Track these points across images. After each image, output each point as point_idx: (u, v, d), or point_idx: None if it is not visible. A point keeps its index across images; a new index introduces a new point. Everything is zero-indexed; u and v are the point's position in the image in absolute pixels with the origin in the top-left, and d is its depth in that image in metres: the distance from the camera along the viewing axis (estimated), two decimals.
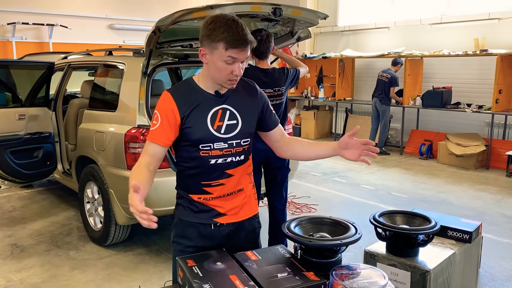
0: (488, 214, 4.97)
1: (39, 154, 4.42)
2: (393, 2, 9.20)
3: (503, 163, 6.93)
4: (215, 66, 1.70)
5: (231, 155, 1.80)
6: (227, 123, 1.79)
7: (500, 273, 3.59)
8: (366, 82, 9.67)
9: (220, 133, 1.77)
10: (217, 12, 3.10)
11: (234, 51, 1.65)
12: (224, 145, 1.78)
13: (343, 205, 5.37)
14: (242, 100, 1.85)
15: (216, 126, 1.77)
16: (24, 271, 3.59)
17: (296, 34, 4.08)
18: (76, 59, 5.06)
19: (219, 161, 1.78)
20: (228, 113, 1.80)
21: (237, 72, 1.70)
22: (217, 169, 1.79)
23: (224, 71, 1.70)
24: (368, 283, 1.45)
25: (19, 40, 8.49)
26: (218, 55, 1.67)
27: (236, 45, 1.64)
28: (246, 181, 1.90)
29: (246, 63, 1.78)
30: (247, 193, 1.91)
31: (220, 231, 1.83)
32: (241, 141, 1.82)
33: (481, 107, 7.39)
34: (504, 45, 7.25)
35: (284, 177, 3.69)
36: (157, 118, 1.75)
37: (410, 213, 2.36)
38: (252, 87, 1.92)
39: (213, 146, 1.77)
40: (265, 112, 1.91)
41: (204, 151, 1.77)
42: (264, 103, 1.91)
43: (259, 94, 1.92)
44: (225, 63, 1.68)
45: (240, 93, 1.86)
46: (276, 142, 1.97)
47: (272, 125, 1.94)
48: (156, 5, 9.85)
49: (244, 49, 1.67)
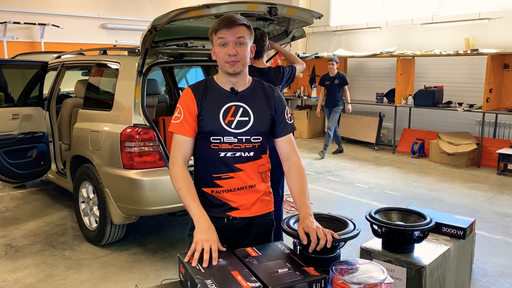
0: (479, 212, 5.04)
1: (32, 154, 4.40)
2: (385, 2, 9.27)
3: (494, 161, 7.02)
4: (216, 54, 1.84)
5: (240, 150, 1.87)
6: (238, 119, 1.86)
7: (493, 269, 3.64)
8: (358, 82, 9.73)
9: (230, 127, 1.85)
10: (213, 11, 3.12)
11: (221, 32, 1.78)
12: (233, 140, 1.86)
13: (337, 203, 5.41)
14: (259, 100, 1.92)
15: (227, 121, 1.85)
16: (19, 271, 3.57)
17: (291, 33, 4.11)
18: (69, 59, 5.04)
19: (228, 155, 1.86)
20: (241, 110, 1.88)
21: (230, 52, 1.78)
22: (227, 162, 1.87)
23: (220, 55, 1.81)
24: (367, 277, 1.47)
25: (10, 39, 8.43)
26: (214, 43, 1.83)
27: (221, 25, 1.78)
28: (259, 179, 1.95)
29: (247, 49, 1.84)
30: (261, 190, 1.96)
31: (233, 224, 1.90)
32: (251, 138, 1.88)
33: (472, 106, 7.47)
34: (494, 45, 7.34)
35: (280, 175, 3.70)
36: (180, 112, 1.87)
37: (405, 210, 2.39)
38: (271, 89, 1.98)
39: (223, 139, 1.85)
40: (277, 117, 1.95)
41: (215, 144, 1.86)
42: (279, 106, 1.95)
43: (276, 96, 1.97)
44: (219, 47, 1.81)
45: (257, 93, 1.93)
46: (280, 153, 2.00)
47: (279, 134, 1.96)
48: (148, 5, 9.83)
49: (230, 28, 1.77)
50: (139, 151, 3.53)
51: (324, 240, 1.61)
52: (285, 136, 1.97)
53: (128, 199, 3.61)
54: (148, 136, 3.55)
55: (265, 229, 2.01)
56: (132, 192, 3.55)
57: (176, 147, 1.87)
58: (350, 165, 7.36)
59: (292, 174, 1.95)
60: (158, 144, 3.59)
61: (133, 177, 3.53)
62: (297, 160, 1.97)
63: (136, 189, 3.51)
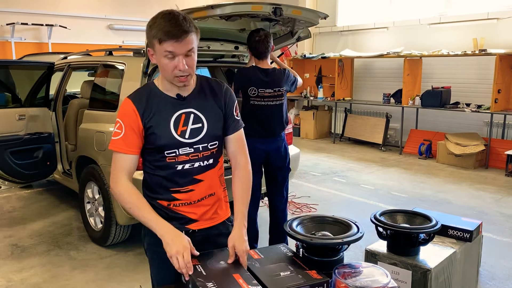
0: (487, 214, 4.98)
1: (39, 155, 4.42)
2: (392, 2, 9.22)
3: (502, 163, 6.95)
4: (160, 64, 1.63)
5: (198, 160, 1.73)
6: (191, 127, 1.71)
7: (500, 272, 3.60)
8: (365, 82, 9.69)
9: (184, 138, 1.70)
10: (218, 12, 3.12)
11: (168, 44, 1.55)
12: (190, 150, 1.71)
13: (343, 204, 5.38)
14: (208, 101, 1.77)
15: (180, 131, 1.69)
16: (24, 271, 3.59)
17: (296, 34, 4.09)
18: (76, 59, 5.06)
19: (187, 166, 1.72)
20: (193, 116, 1.72)
21: (180, 67, 1.59)
22: (185, 174, 1.72)
23: (167, 67, 1.61)
24: (371, 281, 1.45)
25: (18, 40, 8.49)
26: (158, 52, 1.60)
27: (168, 37, 1.54)
28: (217, 185, 1.82)
29: (196, 56, 1.65)
30: (219, 196, 1.83)
31: (194, 237, 1.69)
32: (208, 144, 1.74)
33: (480, 107, 7.41)
34: (503, 45, 7.27)
35: (284, 177, 3.69)
36: (121, 127, 1.67)
37: (411, 212, 2.36)
38: (218, 85, 1.82)
39: (179, 151, 1.70)
40: (227, 114, 1.81)
41: (170, 157, 1.70)
42: (228, 102, 1.81)
43: (224, 92, 1.81)
44: (166, 59, 1.59)
45: (206, 94, 1.78)
46: (227, 152, 1.87)
47: (228, 131, 1.82)
48: (155, 6, 9.85)
49: (179, 40, 1.55)
50: None
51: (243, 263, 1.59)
52: (234, 133, 1.83)
53: None
54: None
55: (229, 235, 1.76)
56: None
57: (118, 165, 1.69)
58: (356, 166, 7.32)
59: (237, 177, 1.83)
60: None
61: (137, 177, 3.50)
62: (244, 162, 1.85)
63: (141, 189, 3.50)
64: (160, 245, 1.61)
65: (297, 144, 4.91)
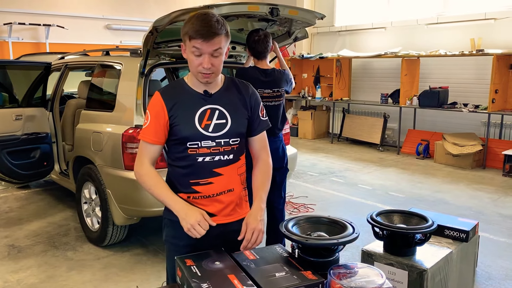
0: (484, 214, 4.99)
1: (36, 155, 4.41)
2: (390, 2, 9.22)
3: (500, 163, 6.96)
4: (188, 59, 1.74)
5: (219, 154, 1.80)
6: (215, 122, 1.80)
7: (497, 272, 3.60)
8: (363, 82, 9.70)
9: (208, 131, 1.78)
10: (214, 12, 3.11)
11: (196, 42, 1.66)
12: (211, 144, 1.79)
13: (341, 204, 5.38)
14: (234, 100, 1.85)
15: (204, 125, 1.78)
16: (21, 271, 3.58)
17: (293, 34, 4.09)
18: (73, 60, 5.05)
19: (207, 159, 1.80)
20: (217, 112, 1.81)
21: (204, 65, 1.69)
22: (205, 167, 1.80)
23: (193, 63, 1.71)
24: (366, 282, 1.45)
25: (16, 40, 8.47)
26: (188, 47, 1.71)
27: (197, 35, 1.65)
28: (237, 182, 1.88)
29: (223, 57, 1.74)
30: (238, 194, 1.89)
31: (210, 231, 1.72)
32: (230, 140, 1.82)
33: (477, 107, 7.41)
34: (500, 45, 7.28)
35: (283, 177, 3.69)
36: (148, 117, 1.81)
37: (407, 212, 2.36)
38: (245, 87, 1.92)
39: (201, 144, 1.78)
40: (252, 114, 1.89)
41: (192, 148, 1.79)
42: (254, 103, 1.90)
43: (251, 94, 1.91)
44: (193, 55, 1.69)
45: (232, 94, 1.86)
46: (251, 151, 1.97)
47: (253, 132, 1.92)
48: (153, 5, 9.85)
49: (207, 40, 1.65)
50: None
51: (247, 243, 1.74)
52: (259, 134, 1.93)
53: (130, 200, 3.61)
54: None
55: None
56: (133, 193, 3.55)
57: (143, 152, 1.84)
58: (354, 166, 7.33)
59: (259, 169, 1.93)
60: None
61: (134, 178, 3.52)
62: (266, 157, 1.96)
63: (137, 190, 3.50)
64: (178, 237, 1.81)
65: (295, 144, 4.91)
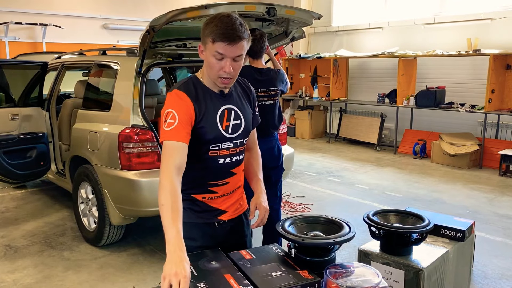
0: (481, 213, 5.01)
1: (32, 154, 4.40)
2: (387, 2, 9.24)
3: (496, 162, 6.98)
4: (207, 61, 1.68)
5: (236, 154, 1.83)
6: (233, 123, 1.80)
7: (493, 271, 3.62)
8: (360, 82, 9.71)
9: (228, 133, 1.78)
10: (211, 12, 3.11)
11: (220, 46, 1.61)
12: (230, 145, 1.80)
13: (338, 204, 5.39)
14: (242, 99, 1.88)
15: (224, 126, 1.77)
16: (17, 272, 3.57)
17: (290, 34, 4.09)
18: (69, 59, 5.04)
19: (227, 161, 1.80)
20: (233, 113, 1.81)
21: (226, 69, 1.65)
22: (224, 168, 1.81)
23: (214, 67, 1.66)
24: (362, 281, 1.46)
25: (12, 40, 8.44)
26: (209, 50, 1.65)
27: (222, 38, 1.60)
28: (242, 177, 1.95)
29: (242, 62, 1.71)
30: (242, 188, 1.96)
31: (223, 228, 1.84)
32: (244, 140, 1.85)
33: (474, 107, 7.44)
34: (497, 45, 7.30)
35: (278, 176, 3.70)
36: (174, 117, 1.65)
37: (403, 212, 2.37)
38: (247, 85, 1.95)
39: (221, 146, 1.78)
40: (253, 110, 1.94)
41: (213, 151, 1.77)
42: (253, 99, 1.96)
43: (252, 92, 1.96)
44: (214, 59, 1.64)
45: (240, 93, 1.89)
46: None
47: (251, 127, 1.96)
48: (150, 5, 9.83)
49: (231, 43, 1.61)
50: (137, 152, 3.52)
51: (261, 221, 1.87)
52: (253, 129, 1.98)
53: (127, 200, 3.60)
54: (146, 137, 3.54)
55: (247, 225, 2.00)
56: (130, 193, 3.54)
57: (170, 155, 1.61)
58: (351, 166, 7.34)
59: (252, 157, 2.02)
60: (157, 145, 3.58)
61: (131, 178, 3.52)
62: (258, 149, 2.06)
63: (134, 190, 3.50)
64: (188, 239, 1.60)
65: (292, 144, 4.91)
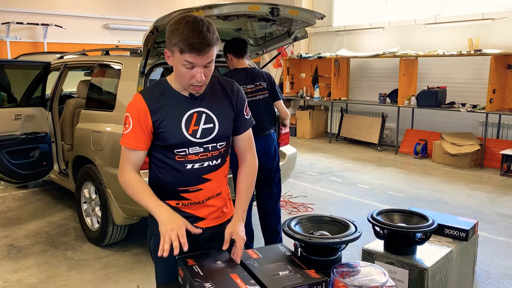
0: (483, 213, 5.01)
1: (35, 154, 4.40)
2: (388, 2, 9.24)
3: (497, 162, 6.99)
4: (177, 70, 1.61)
5: (208, 159, 1.73)
6: (203, 127, 1.70)
7: (496, 270, 3.63)
8: (361, 82, 9.72)
9: (195, 137, 1.69)
10: (215, 12, 3.12)
11: (189, 56, 1.53)
12: (199, 150, 1.71)
13: (340, 204, 5.39)
14: (219, 100, 1.75)
15: (191, 131, 1.68)
16: (21, 271, 3.58)
17: (293, 34, 4.10)
18: (72, 59, 5.04)
19: (196, 166, 1.71)
20: (204, 116, 1.71)
21: (198, 78, 1.58)
22: (195, 174, 1.72)
23: (185, 76, 1.59)
24: (369, 280, 1.46)
25: (14, 40, 8.45)
26: (177, 59, 1.57)
27: (190, 49, 1.52)
28: (224, 185, 1.84)
29: (213, 66, 1.63)
30: (224, 196, 1.85)
31: (202, 235, 1.70)
32: (217, 144, 1.74)
33: (475, 107, 7.44)
34: (498, 45, 7.30)
35: (273, 177, 3.71)
36: (129, 122, 1.66)
37: (407, 211, 2.37)
38: (230, 85, 1.81)
39: (188, 151, 1.69)
40: (237, 113, 1.80)
41: (180, 155, 1.70)
42: (239, 102, 1.80)
43: (236, 91, 1.80)
44: (184, 68, 1.57)
45: (217, 93, 1.76)
46: (236, 151, 1.88)
47: (238, 131, 1.83)
48: (151, 5, 9.84)
49: (200, 54, 1.53)
50: None
51: (238, 255, 1.61)
52: (244, 133, 1.84)
53: (130, 199, 3.56)
54: None
55: None
56: None
57: (125, 159, 1.70)
58: (352, 166, 7.34)
59: (243, 172, 1.85)
60: None
61: None
62: (252, 158, 1.87)
63: None
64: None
65: (293, 143, 4.92)
